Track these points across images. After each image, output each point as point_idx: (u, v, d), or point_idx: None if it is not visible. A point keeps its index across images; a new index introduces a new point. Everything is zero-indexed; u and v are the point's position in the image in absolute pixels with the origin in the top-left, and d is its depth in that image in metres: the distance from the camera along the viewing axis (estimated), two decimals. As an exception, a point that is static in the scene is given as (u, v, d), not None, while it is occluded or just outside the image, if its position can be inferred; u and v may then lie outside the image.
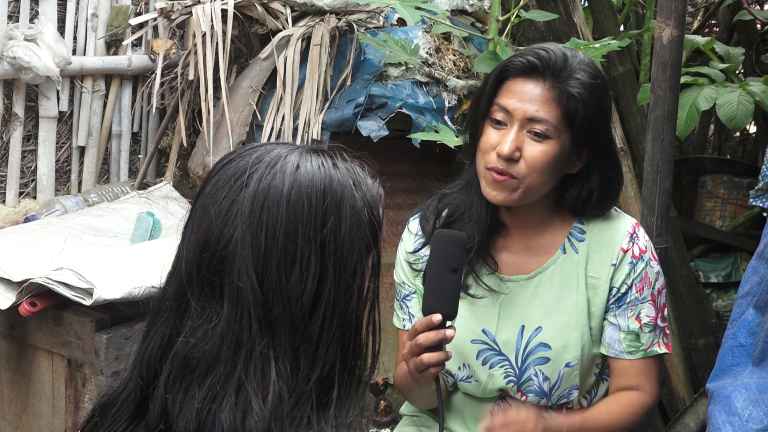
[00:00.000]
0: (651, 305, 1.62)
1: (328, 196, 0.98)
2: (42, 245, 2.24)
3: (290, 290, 0.95)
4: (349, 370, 1.00)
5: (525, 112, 1.51)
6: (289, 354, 0.95)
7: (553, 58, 1.52)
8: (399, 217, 2.95)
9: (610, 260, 1.62)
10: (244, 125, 2.67)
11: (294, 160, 1.00)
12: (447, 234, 1.41)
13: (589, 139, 1.55)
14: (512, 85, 1.54)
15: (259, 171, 0.98)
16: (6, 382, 2.22)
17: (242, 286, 0.95)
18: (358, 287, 1.00)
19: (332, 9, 2.78)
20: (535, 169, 1.52)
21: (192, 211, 1.02)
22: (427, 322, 1.39)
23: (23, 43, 2.61)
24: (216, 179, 1.01)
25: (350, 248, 0.99)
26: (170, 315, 0.99)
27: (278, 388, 0.93)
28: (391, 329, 1.77)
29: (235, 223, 0.96)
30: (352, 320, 1.00)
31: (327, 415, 0.96)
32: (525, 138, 1.52)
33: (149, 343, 1.00)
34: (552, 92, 1.51)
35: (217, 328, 0.96)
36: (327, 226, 0.97)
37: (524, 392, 1.63)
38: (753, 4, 3.69)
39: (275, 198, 0.96)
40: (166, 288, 1.01)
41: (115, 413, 1.01)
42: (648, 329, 1.62)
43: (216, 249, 0.97)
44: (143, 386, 0.99)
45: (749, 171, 3.29)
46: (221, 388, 0.94)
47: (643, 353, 1.61)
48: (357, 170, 1.04)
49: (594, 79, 1.53)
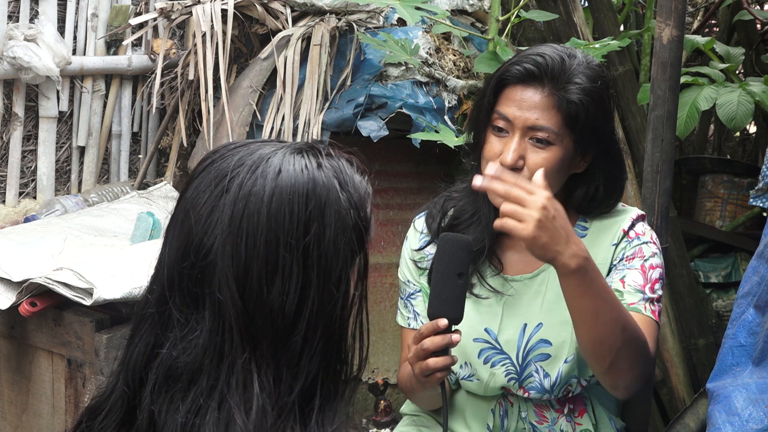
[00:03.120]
0: (639, 273, 1.59)
1: (311, 201, 0.94)
2: (42, 245, 2.24)
3: (272, 302, 0.92)
4: (333, 376, 0.97)
5: (525, 120, 1.51)
6: (272, 366, 0.92)
7: (551, 64, 1.50)
8: (399, 217, 2.95)
9: (611, 242, 1.63)
10: (244, 125, 2.67)
11: (276, 163, 0.95)
12: (453, 238, 1.40)
13: (592, 140, 1.54)
14: (511, 93, 1.53)
15: (240, 175, 0.94)
16: (6, 382, 2.22)
17: (223, 298, 0.92)
18: (343, 294, 0.96)
19: (332, 9, 2.78)
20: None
21: (174, 214, 0.99)
22: (432, 326, 1.39)
23: (23, 43, 2.61)
24: (197, 183, 0.97)
25: (335, 255, 0.95)
26: (153, 323, 0.96)
27: (261, 401, 0.91)
28: (392, 329, 1.77)
29: (215, 232, 0.93)
30: (336, 328, 0.96)
31: (310, 423, 0.94)
32: (527, 145, 1.52)
33: (133, 350, 0.97)
34: (551, 99, 1.50)
35: (200, 339, 0.93)
36: (310, 234, 0.93)
37: (526, 389, 1.64)
38: (753, 4, 3.69)
39: (256, 206, 0.93)
40: (147, 295, 0.99)
41: (102, 421, 0.99)
42: (632, 290, 1.57)
43: (196, 259, 0.93)
44: (129, 395, 0.97)
45: (749, 171, 3.29)
46: (204, 401, 0.92)
47: (624, 306, 1.54)
48: (344, 168, 0.99)
49: (594, 82, 1.52)
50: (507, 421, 1.68)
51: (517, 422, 1.68)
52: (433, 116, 2.64)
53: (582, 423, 1.68)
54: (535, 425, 1.67)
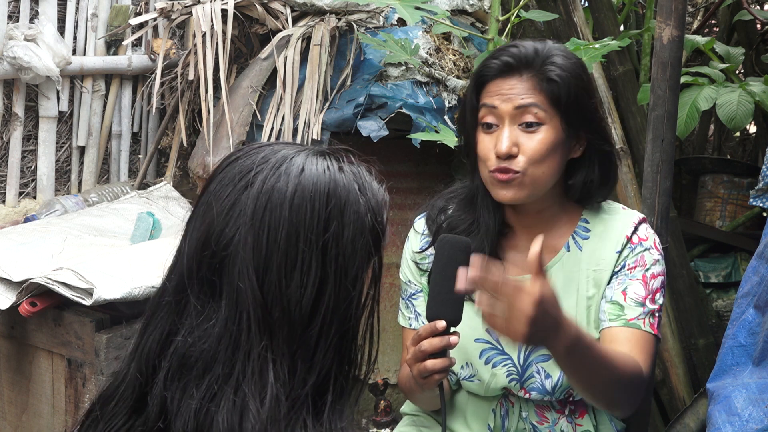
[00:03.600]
0: (641, 284, 1.60)
1: (331, 200, 0.97)
2: (42, 245, 2.24)
3: (290, 294, 0.95)
4: (344, 374, 0.99)
5: (512, 102, 1.54)
6: (287, 357, 0.95)
7: (524, 52, 1.54)
8: (399, 217, 2.95)
9: (614, 248, 1.63)
10: (244, 125, 2.67)
11: (299, 162, 0.99)
12: (451, 240, 1.40)
13: (580, 118, 1.56)
14: (492, 87, 1.57)
15: (264, 172, 0.98)
16: (6, 382, 2.22)
17: (242, 288, 0.94)
18: (358, 293, 0.99)
19: (332, 9, 2.78)
20: (536, 159, 1.53)
21: (196, 207, 1.02)
22: (431, 328, 1.39)
23: (23, 43, 2.61)
24: (221, 177, 1.00)
25: (352, 254, 0.98)
26: (169, 311, 0.99)
27: (275, 390, 0.93)
28: (392, 329, 1.77)
29: (237, 224, 0.96)
30: (350, 326, 0.99)
31: (322, 418, 0.96)
32: (519, 132, 1.54)
33: (148, 338, 0.99)
34: (532, 81, 1.54)
35: (215, 327, 0.95)
36: (329, 231, 0.96)
37: (527, 390, 1.64)
38: (753, 4, 3.69)
39: (278, 200, 0.96)
40: (165, 283, 1.01)
41: (114, 408, 1.01)
42: (633, 303, 1.59)
43: (217, 248, 0.96)
44: (142, 382, 0.99)
45: (749, 171, 3.29)
46: (219, 388, 0.94)
47: (624, 322, 1.57)
48: (363, 175, 1.03)
49: (569, 59, 1.56)
50: (508, 421, 1.68)
51: (517, 422, 1.68)
52: (433, 116, 2.65)
53: (582, 424, 1.68)
54: (536, 425, 1.67)
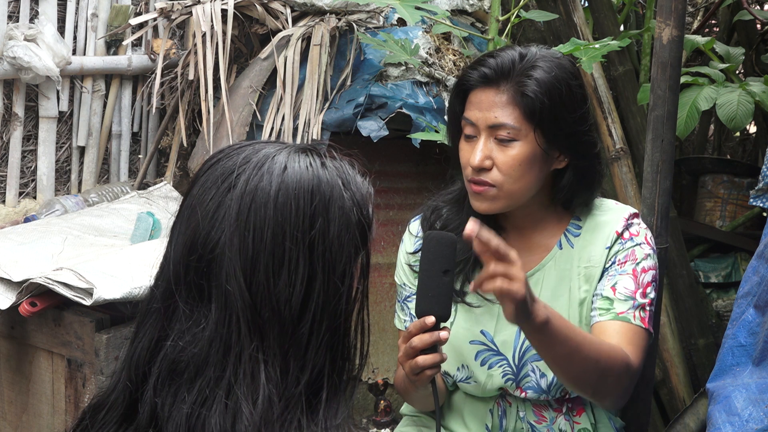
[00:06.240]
0: (630, 279, 1.60)
1: (316, 197, 0.97)
2: (42, 245, 2.24)
3: (279, 293, 0.94)
4: (338, 371, 0.99)
5: (486, 119, 1.54)
6: (279, 357, 0.94)
7: (500, 63, 1.54)
8: (399, 217, 2.95)
9: (604, 244, 1.63)
10: (244, 125, 2.67)
11: (282, 160, 0.98)
12: (437, 235, 1.40)
13: (557, 133, 1.55)
14: (473, 97, 1.58)
15: (246, 172, 0.97)
16: (6, 382, 2.22)
17: (230, 290, 0.94)
18: (347, 289, 0.99)
19: (332, 9, 2.78)
20: (509, 174, 1.54)
21: (179, 211, 1.01)
22: (420, 324, 1.39)
23: (23, 43, 2.61)
24: (203, 179, 1.00)
25: (339, 250, 0.97)
26: (158, 317, 0.98)
27: (268, 391, 0.92)
28: (392, 330, 1.77)
29: (222, 226, 0.95)
30: (341, 322, 0.99)
31: (317, 417, 0.95)
32: (494, 146, 1.55)
33: (137, 345, 0.99)
34: (509, 93, 1.53)
35: (206, 331, 0.95)
36: (315, 228, 0.96)
37: (523, 389, 1.64)
38: (753, 4, 3.69)
39: (262, 200, 0.95)
40: (153, 290, 1.00)
41: (104, 416, 1.00)
42: (623, 298, 1.59)
43: (203, 252, 0.96)
44: (132, 389, 0.98)
45: (749, 171, 3.29)
46: (211, 392, 0.93)
47: (614, 315, 1.57)
48: (346, 169, 1.02)
49: (549, 73, 1.53)
50: (505, 421, 1.68)
51: (515, 422, 1.68)
52: (433, 116, 2.65)
53: (580, 422, 1.68)
54: (534, 425, 1.67)
